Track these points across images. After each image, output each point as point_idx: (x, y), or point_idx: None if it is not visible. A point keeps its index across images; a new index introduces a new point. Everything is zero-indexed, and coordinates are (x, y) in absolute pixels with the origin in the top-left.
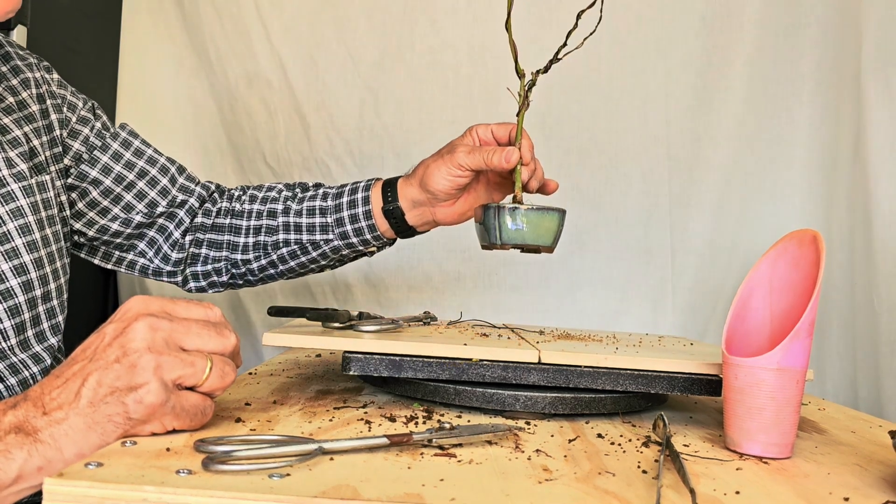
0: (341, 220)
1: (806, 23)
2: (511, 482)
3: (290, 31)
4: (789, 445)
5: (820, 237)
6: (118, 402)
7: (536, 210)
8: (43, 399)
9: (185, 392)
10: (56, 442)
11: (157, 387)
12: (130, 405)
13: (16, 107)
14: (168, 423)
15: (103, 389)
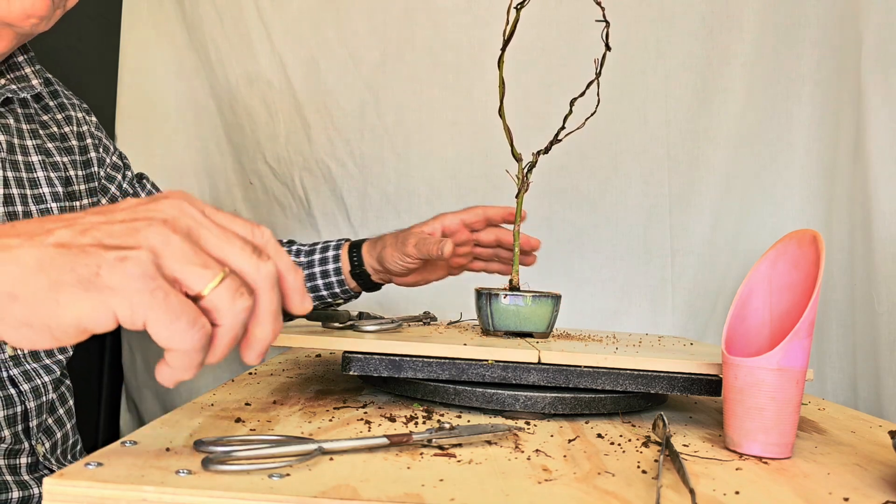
0: (313, 276)
1: (806, 23)
2: (511, 482)
3: (291, 31)
4: (789, 445)
5: (820, 237)
6: (94, 254)
7: (530, 297)
8: (14, 226)
9: (178, 292)
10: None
11: (147, 258)
12: (105, 262)
13: (58, 137)
14: (137, 303)
15: (87, 239)
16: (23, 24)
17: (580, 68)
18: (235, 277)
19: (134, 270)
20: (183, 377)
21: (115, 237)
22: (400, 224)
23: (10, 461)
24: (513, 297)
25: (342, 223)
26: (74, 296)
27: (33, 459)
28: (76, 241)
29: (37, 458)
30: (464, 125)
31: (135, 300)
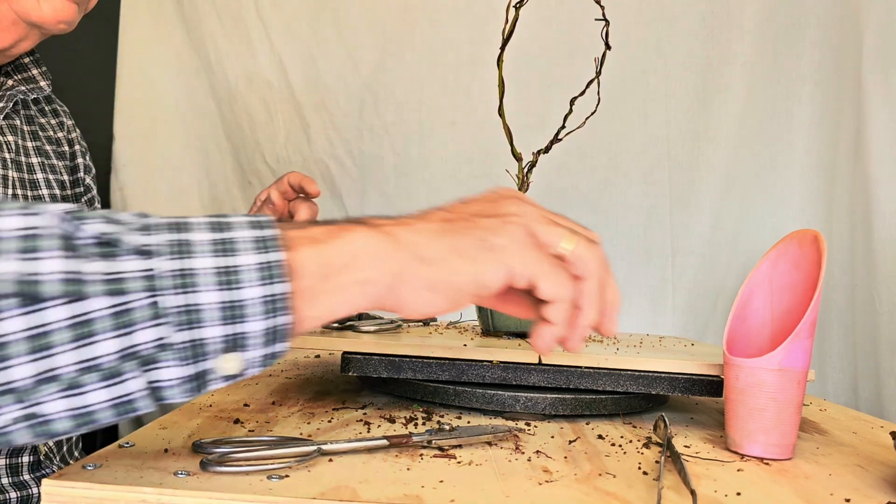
0: None
1: (806, 23)
2: (511, 483)
3: (290, 30)
4: (790, 446)
5: (821, 237)
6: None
7: None
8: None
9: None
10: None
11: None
12: (492, 226)
13: (54, 141)
14: (527, 259)
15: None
16: (52, 28)
17: (580, 67)
18: (581, 233)
19: (518, 231)
20: (561, 334)
21: (490, 211)
22: None
23: (13, 460)
24: None
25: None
26: (475, 257)
27: (35, 458)
28: (460, 216)
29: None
30: (463, 125)
31: (526, 256)
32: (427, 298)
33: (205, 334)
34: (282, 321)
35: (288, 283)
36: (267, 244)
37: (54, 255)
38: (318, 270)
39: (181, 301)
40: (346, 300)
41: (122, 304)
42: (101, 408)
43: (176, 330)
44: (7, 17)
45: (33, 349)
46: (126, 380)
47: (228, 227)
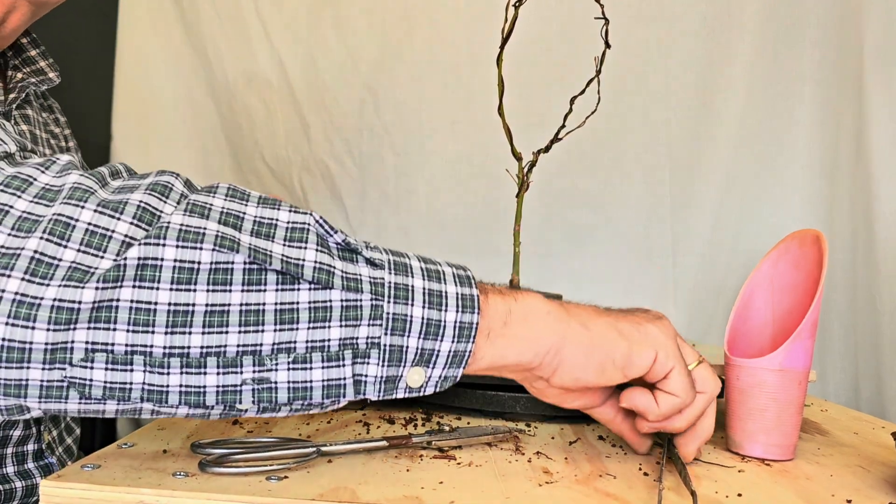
0: None
1: (807, 23)
2: (511, 484)
3: (290, 29)
4: (791, 447)
5: (822, 237)
6: (638, 320)
7: None
8: None
9: None
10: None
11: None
12: (648, 320)
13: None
14: (671, 353)
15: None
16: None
17: (581, 67)
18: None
19: (668, 328)
20: (658, 424)
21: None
22: (399, 224)
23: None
24: None
25: (341, 223)
26: (630, 335)
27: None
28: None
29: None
30: (464, 124)
31: (671, 349)
32: (582, 363)
33: (408, 343)
34: (464, 347)
35: (478, 315)
36: (465, 281)
37: (314, 248)
38: (500, 317)
39: (398, 310)
40: (516, 347)
41: (355, 300)
42: (317, 386)
43: (386, 333)
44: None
45: (282, 321)
46: (342, 365)
47: (435, 262)
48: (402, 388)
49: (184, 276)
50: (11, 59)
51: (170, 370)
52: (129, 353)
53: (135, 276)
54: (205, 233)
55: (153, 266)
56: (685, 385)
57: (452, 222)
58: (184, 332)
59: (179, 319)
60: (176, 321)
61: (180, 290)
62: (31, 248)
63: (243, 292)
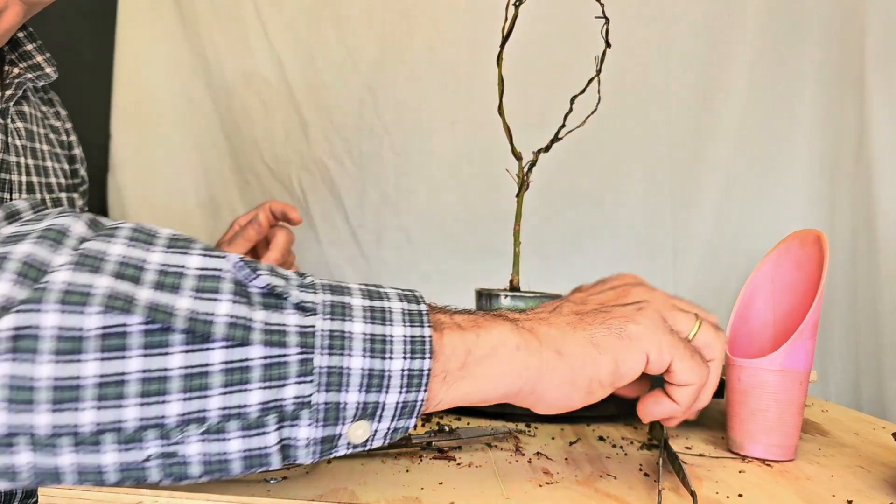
0: None
1: (808, 22)
2: (511, 485)
3: (289, 29)
4: (792, 447)
5: (823, 237)
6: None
7: (534, 298)
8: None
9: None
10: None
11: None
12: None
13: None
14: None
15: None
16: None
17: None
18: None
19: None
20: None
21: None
22: (399, 224)
23: None
24: (515, 299)
25: (340, 223)
26: (611, 345)
27: None
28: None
29: None
30: (464, 124)
31: (662, 343)
32: (565, 392)
33: (347, 399)
34: (414, 397)
35: (430, 360)
36: (416, 318)
37: (229, 298)
38: (459, 357)
39: (333, 362)
40: (481, 389)
41: (279, 357)
42: (235, 458)
43: (319, 390)
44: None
45: (190, 388)
46: (264, 433)
47: (381, 294)
48: (344, 446)
49: (68, 345)
50: (8, 55)
51: (59, 450)
52: (11, 435)
53: (12, 349)
54: (91, 293)
55: (31, 336)
56: (692, 370)
57: (452, 222)
58: (72, 408)
59: (66, 395)
60: (62, 397)
61: (64, 361)
62: None
63: (142, 358)
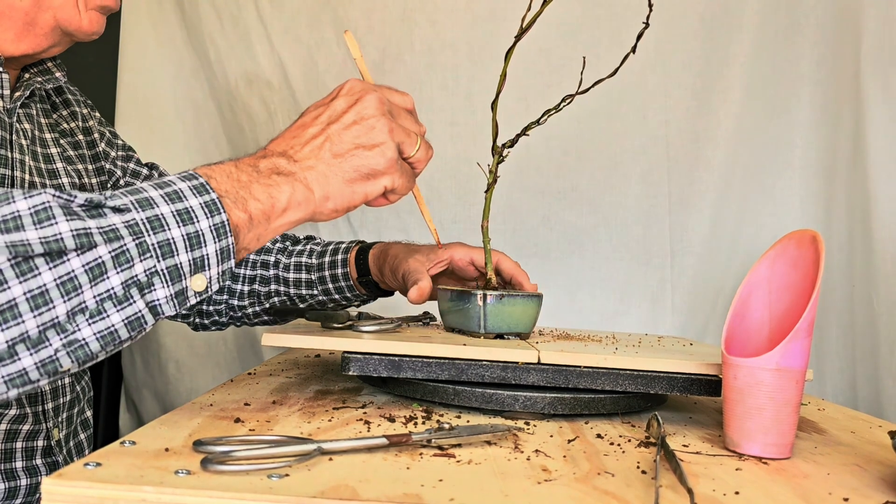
0: (323, 279)
1: (805, 23)
2: (510, 482)
3: (290, 31)
4: (789, 446)
5: (819, 237)
6: (361, 155)
7: (522, 297)
8: (289, 153)
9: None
10: (308, 183)
11: (393, 146)
12: (371, 158)
13: (68, 133)
14: (396, 179)
15: (346, 145)
16: (85, 38)
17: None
18: (422, 140)
19: (392, 156)
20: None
21: (361, 138)
22: (399, 224)
23: (28, 443)
24: (509, 298)
25: (341, 223)
26: (362, 184)
27: (48, 443)
28: (342, 148)
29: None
30: (463, 125)
31: (395, 176)
32: (331, 215)
33: (180, 259)
34: (226, 243)
35: (225, 214)
36: (202, 189)
37: (64, 219)
38: (258, 216)
39: (160, 238)
40: (276, 231)
41: (120, 248)
42: (120, 326)
43: (159, 260)
44: (48, 24)
45: (67, 291)
46: (133, 301)
47: (168, 183)
48: (192, 296)
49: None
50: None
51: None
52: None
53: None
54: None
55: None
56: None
57: (452, 222)
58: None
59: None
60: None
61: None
62: None
63: (21, 283)
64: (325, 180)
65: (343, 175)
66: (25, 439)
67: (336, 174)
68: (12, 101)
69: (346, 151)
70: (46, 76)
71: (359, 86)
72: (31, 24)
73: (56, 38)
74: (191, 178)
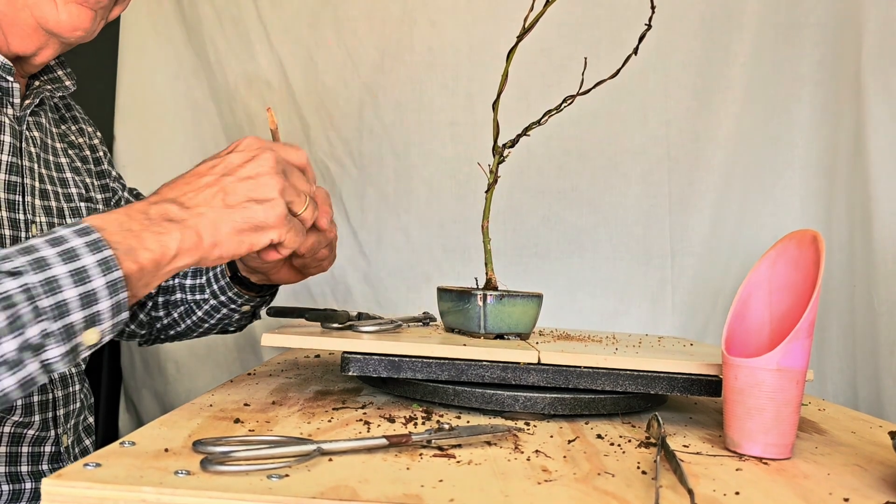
0: (209, 280)
1: (806, 23)
2: (510, 483)
3: (290, 31)
4: (789, 446)
5: (820, 237)
6: (252, 208)
7: (522, 297)
8: (181, 199)
9: (293, 216)
10: (199, 229)
11: (282, 203)
12: (261, 212)
13: (76, 145)
14: (284, 234)
15: (238, 197)
16: (69, 36)
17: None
18: (311, 200)
19: (281, 212)
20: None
21: (254, 192)
22: (399, 225)
23: (34, 449)
24: (510, 299)
25: (341, 224)
26: (249, 235)
27: (56, 450)
28: (234, 200)
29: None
30: (463, 125)
31: (282, 231)
32: (216, 262)
33: (73, 318)
34: (120, 297)
35: (119, 271)
36: (95, 246)
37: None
38: (149, 265)
39: (54, 300)
40: (164, 277)
41: (14, 314)
42: (11, 389)
43: (53, 320)
44: (28, 23)
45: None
46: (26, 364)
47: (62, 240)
48: (83, 350)
49: None
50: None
51: None
52: None
53: None
54: None
55: None
56: (294, 243)
57: (452, 222)
58: None
59: None
60: None
61: None
62: None
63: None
64: (214, 228)
65: (233, 224)
66: (31, 444)
67: (226, 223)
68: (22, 108)
69: (238, 203)
70: (56, 84)
71: (255, 143)
72: (11, 24)
73: (41, 39)
74: (85, 234)
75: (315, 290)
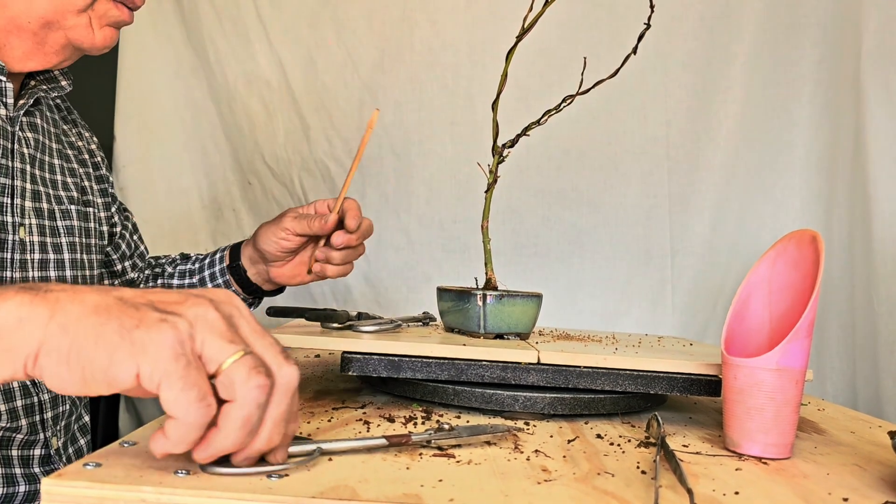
0: (203, 280)
1: (806, 23)
2: (510, 483)
3: (290, 31)
4: (788, 446)
5: (819, 237)
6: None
7: (521, 297)
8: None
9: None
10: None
11: (185, 327)
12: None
13: (74, 148)
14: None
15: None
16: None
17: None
18: (257, 358)
19: (168, 334)
20: (174, 451)
21: (165, 304)
22: (399, 225)
23: (24, 452)
24: (510, 299)
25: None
26: (110, 341)
27: (46, 452)
28: (135, 299)
29: (49, 451)
30: (463, 125)
31: (159, 361)
32: (62, 374)
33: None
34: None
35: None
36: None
37: None
38: None
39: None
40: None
41: None
42: None
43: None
44: (58, 42)
45: None
46: None
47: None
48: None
49: None
50: None
51: None
52: None
53: None
54: None
55: None
56: (177, 401)
57: (452, 222)
58: None
59: None
60: None
61: None
62: None
63: None
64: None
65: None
66: (21, 447)
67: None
68: (16, 108)
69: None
70: (52, 84)
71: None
72: (40, 43)
73: (67, 54)
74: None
75: (315, 290)
